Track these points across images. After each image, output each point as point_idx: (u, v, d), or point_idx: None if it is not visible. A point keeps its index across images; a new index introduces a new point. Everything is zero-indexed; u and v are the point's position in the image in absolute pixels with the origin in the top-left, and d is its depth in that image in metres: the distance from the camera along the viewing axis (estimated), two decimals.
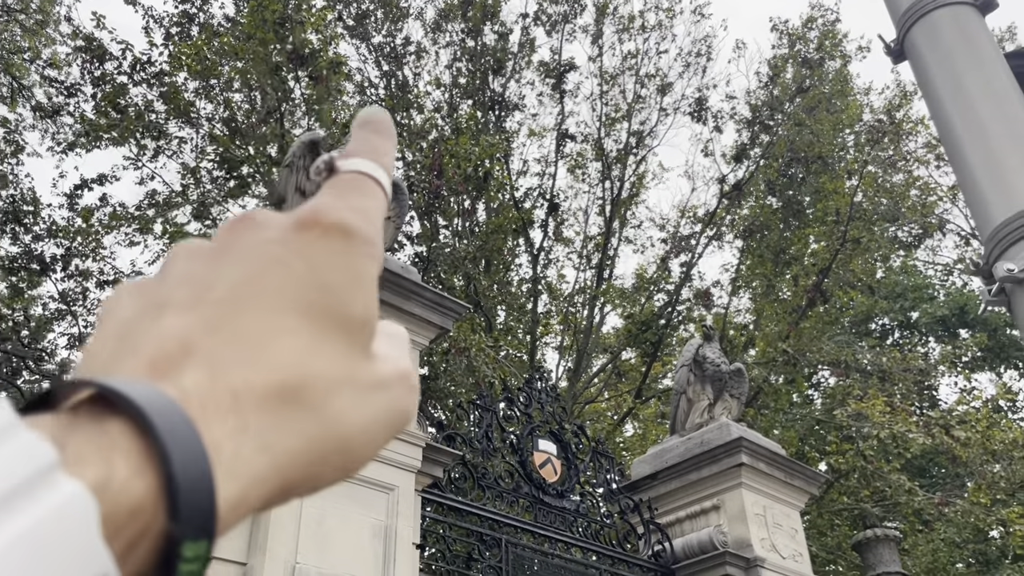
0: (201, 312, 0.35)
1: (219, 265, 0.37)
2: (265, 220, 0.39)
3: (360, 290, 0.38)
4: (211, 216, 14.93)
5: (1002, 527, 12.88)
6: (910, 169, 16.12)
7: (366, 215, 0.40)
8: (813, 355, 14.09)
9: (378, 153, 0.44)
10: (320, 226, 0.38)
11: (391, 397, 0.39)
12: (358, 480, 5.25)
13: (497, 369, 11.42)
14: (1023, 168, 2.94)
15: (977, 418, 13.10)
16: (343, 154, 0.44)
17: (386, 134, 0.46)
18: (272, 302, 0.36)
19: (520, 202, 16.37)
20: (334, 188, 0.41)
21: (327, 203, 0.39)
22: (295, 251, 0.37)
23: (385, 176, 0.43)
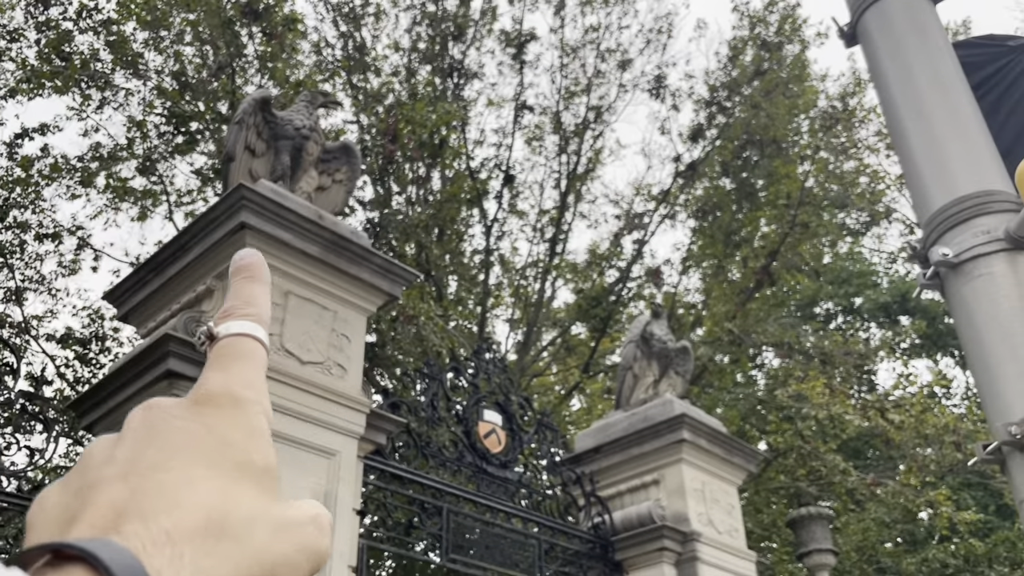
0: (127, 482, 0.41)
1: (135, 443, 0.43)
2: (165, 404, 0.46)
3: (257, 441, 0.44)
4: (157, 172, 14.56)
5: (930, 508, 13.34)
6: (860, 157, 16.40)
7: (249, 381, 0.47)
8: (758, 336, 14.35)
9: (254, 305, 0.50)
10: (212, 400, 0.45)
11: (304, 535, 0.43)
12: (299, 444, 5.21)
13: (446, 339, 11.40)
14: (964, 156, 2.99)
15: (912, 403, 13.51)
16: (220, 314, 0.49)
17: (260, 280, 0.52)
18: (184, 461, 0.42)
19: (476, 172, 16.26)
20: (218, 360, 0.47)
21: (214, 380, 0.46)
22: (196, 420, 0.44)
23: (262, 331, 0.49)
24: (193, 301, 5.64)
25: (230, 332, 0.48)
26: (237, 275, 0.52)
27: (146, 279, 6.04)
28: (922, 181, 3.02)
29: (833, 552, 10.86)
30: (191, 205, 15.02)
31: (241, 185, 5.39)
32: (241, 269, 0.52)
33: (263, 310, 0.50)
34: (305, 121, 6.47)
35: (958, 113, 3.06)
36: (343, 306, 5.91)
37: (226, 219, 5.49)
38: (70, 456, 12.82)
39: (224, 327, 0.48)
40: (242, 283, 0.51)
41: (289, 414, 5.21)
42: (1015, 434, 2.69)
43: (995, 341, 2.77)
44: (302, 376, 5.38)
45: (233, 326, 0.48)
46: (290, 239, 5.59)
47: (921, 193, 3.01)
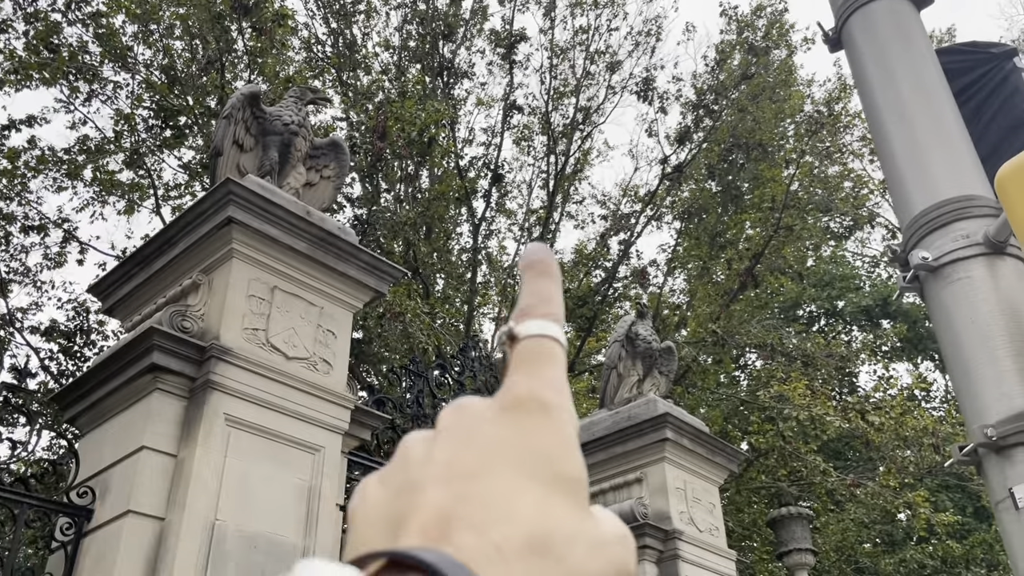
0: (451, 487, 0.41)
1: (452, 446, 0.43)
2: (477, 406, 0.46)
3: (570, 452, 0.43)
4: (145, 166, 14.48)
5: (908, 510, 13.48)
6: (845, 161, 16.54)
7: (555, 384, 0.45)
8: (742, 337, 14.44)
9: (550, 304, 0.48)
10: (523, 405, 0.44)
11: (616, 553, 0.43)
12: (283, 439, 5.22)
13: (432, 336, 11.41)
14: (945, 161, 3.04)
15: (892, 405, 13.64)
16: (518, 313, 0.48)
17: (552, 276, 0.50)
18: (503, 471, 0.41)
19: (464, 171, 16.27)
20: (522, 363, 0.46)
21: (521, 383, 0.45)
22: (510, 427, 0.43)
23: (561, 332, 0.48)
24: (179, 295, 5.64)
25: (531, 333, 0.47)
26: (530, 270, 0.50)
27: (132, 273, 6.02)
28: (904, 185, 3.07)
29: (812, 552, 10.96)
30: (179, 200, 14.96)
31: (228, 180, 5.39)
32: (533, 264, 0.50)
33: (559, 308, 0.49)
34: (294, 117, 6.46)
35: (940, 119, 3.11)
36: (329, 302, 5.91)
37: (213, 214, 5.48)
38: (53, 449, 12.74)
39: (524, 327, 0.47)
40: (536, 279, 0.49)
41: (274, 409, 5.22)
42: (991, 436, 2.74)
43: (973, 344, 2.82)
44: (287, 371, 5.38)
45: (533, 326, 0.47)
46: (277, 235, 5.59)
47: (902, 197, 3.06)
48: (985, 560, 15.38)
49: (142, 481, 4.70)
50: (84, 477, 5.05)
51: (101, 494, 4.88)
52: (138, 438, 4.85)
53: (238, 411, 5.04)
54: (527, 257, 0.51)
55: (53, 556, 4.95)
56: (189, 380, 5.06)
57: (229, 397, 5.03)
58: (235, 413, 5.02)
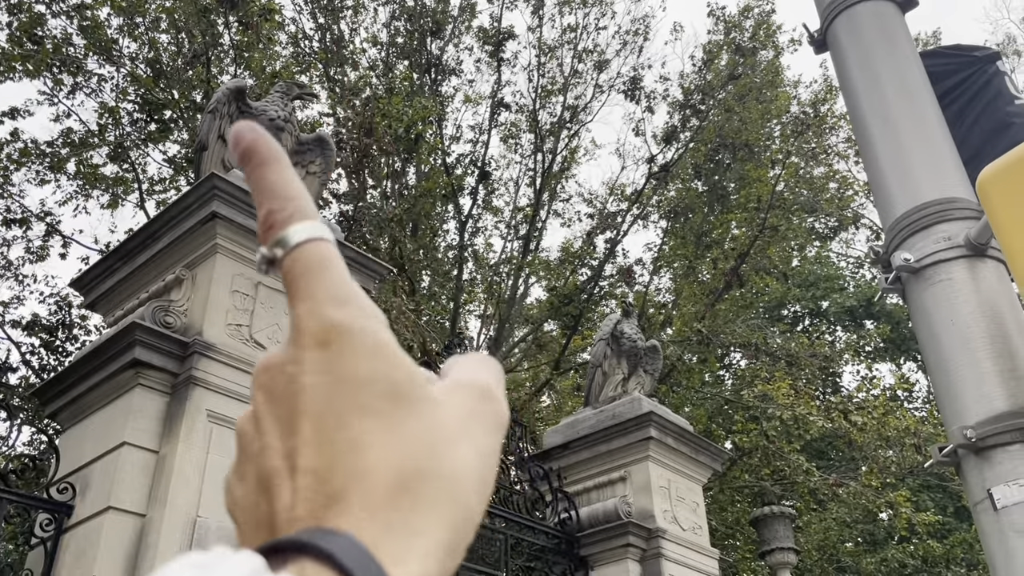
0: (299, 463, 0.38)
1: (277, 421, 0.40)
2: (277, 362, 0.42)
3: (386, 360, 0.40)
4: (129, 159, 14.37)
5: (890, 509, 13.58)
6: (830, 163, 16.63)
7: (335, 295, 0.41)
8: (726, 337, 14.50)
9: (290, 200, 0.42)
10: (318, 341, 0.40)
11: (478, 421, 0.42)
12: None
13: (417, 333, 11.39)
14: (928, 164, 3.06)
15: (874, 405, 13.74)
16: (262, 227, 0.42)
17: (274, 160, 0.43)
18: (337, 423, 0.38)
19: (451, 168, 16.25)
20: (294, 288, 0.41)
21: (308, 315, 0.41)
22: (319, 372, 0.40)
23: (316, 226, 0.42)
24: (162, 290, 5.60)
25: (288, 247, 0.41)
26: (248, 162, 0.43)
27: (114, 267, 5.98)
28: (887, 187, 3.08)
29: (795, 551, 11.02)
30: (163, 194, 14.86)
31: (213, 175, 5.36)
32: (249, 154, 0.43)
33: (301, 200, 0.42)
34: (280, 112, 6.43)
35: (923, 121, 3.14)
36: None
37: (197, 208, 5.45)
38: (33, 444, 12.63)
39: (275, 245, 0.41)
40: (260, 173, 0.43)
41: None
42: (970, 437, 2.76)
43: (953, 346, 2.84)
44: None
45: (289, 237, 0.41)
46: None
47: (885, 198, 3.08)
48: (965, 560, 15.52)
49: (123, 477, 4.67)
50: (64, 473, 5.01)
51: (82, 490, 4.85)
52: (119, 434, 4.82)
53: (221, 407, 5.01)
54: (235, 146, 0.43)
55: (33, 552, 4.91)
56: (171, 376, 5.02)
57: (212, 393, 5.00)
58: (218, 409, 4.99)
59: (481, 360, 0.48)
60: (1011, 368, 2.72)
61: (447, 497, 0.38)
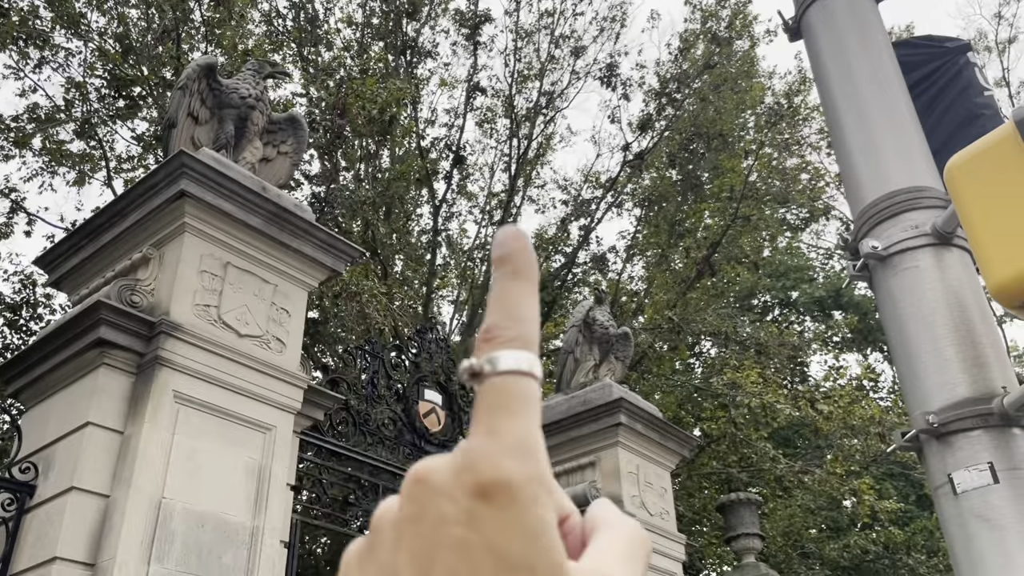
0: None
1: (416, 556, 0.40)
2: (434, 479, 0.40)
3: (536, 545, 0.39)
4: (96, 136, 14.12)
5: (854, 497, 13.81)
6: (803, 154, 16.77)
7: (523, 445, 0.40)
8: (697, 325, 14.61)
9: (521, 323, 0.42)
10: (485, 494, 0.39)
11: None
12: (233, 418, 5.15)
13: (389, 317, 11.34)
14: (898, 152, 3.09)
15: (841, 395, 13.93)
16: (483, 335, 0.42)
17: (525, 277, 0.43)
18: None
19: (426, 152, 16.16)
20: (485, 412, 0.40)
21: (481, 452, 0.40)
22: (468, 526, 0.39)
23: (533, 360, 0.41)
24: (128, 269, 5.51)
25: (496, 370, 0.41)
26: (501, 267, 0.42)
27: (80, 245, 5.88)
28: (856, 175, 3.11)
29: (760, 536, 11.16)
30: (131, 172, 14.62)
31: (182, 152, 5.28)
32: (504, 259, 0.43)
33: (532, 327, 0.42)
34: (251, 90, 6.34)
35: (894, 110, 3.16)
36: (284, 280, 5.83)
37: (165, 186, 5.37)
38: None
39: (488, 360, 0.41)
40: (506, 282, 0.42)
41: (224, 387, 5.14)
42: (933, 423, 2.81)
43: (918, 332, 2.87)
44: (239, 349, 5.31)
45: (499, 361, 0.41)
46: (231, 210, 5.49)
47: (855, 186, 3.10)
48: (926, 547, 15.83)
49: (87, 457, 4.61)
50: (27, 452, 4.94)
51: (44, 470, 4.78)
52: (83, 414, 4.75)
53: (187, 388, 4.96)
54: (497, 247, 0.43)
55: None
56: (137, 356, 4.96)
57: (178, 374, 4.95)
58: (184, 390, 4.94)
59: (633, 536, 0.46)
60: (974, 355, 2.76)
61: None
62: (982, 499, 2.63)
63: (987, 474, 2.63)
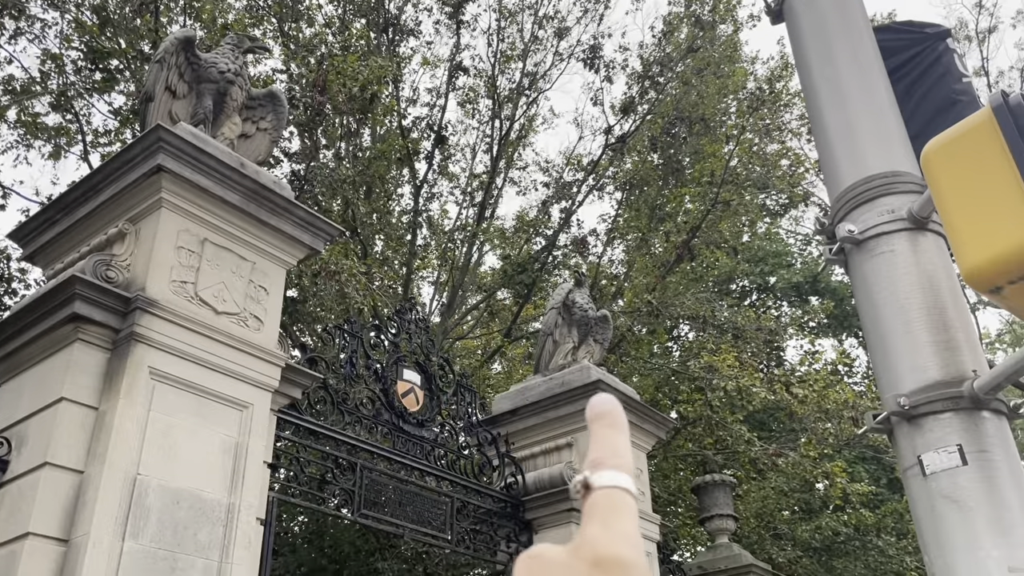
0: None
1: None
2: (551, 556, 0.47)
3: None
4: (73, 109, 13.89)
5: (826, 479, 14.00)
6: (784, 140, 16.83)
7: (630, 538, 0.48)
8: (676, 309, 14.68)
9: (621, 456, 0.52)
10: (601, 564, 0.45)
11: None
12: (210, 395, 5.12)
13: (368, 297, 11.30)
14: (876, 137, 3.11)
15: (816, 379, 14.08)
16: (590, 463, 0.51)
17: (621, 429, 0.53)
18: None
19: (407, 131, 16.05)
20: (596, 513, 0.49)
21: (600, 540, 0.47)
22: None
23: (632, 483, 0.51)
24: (103, 244, 5.45)
25: (604, 484, 0.50)
26: (598, 421, 0.53)
27: (55, 219, 5.80)
28: (834, 159, 3.13)
29: (734, 518, 11.31)
30: (108, 147, 14.41)
31: (159, 126, 5.21)
32: (602, 416, 0.53)
33: (629, 461, 0.52)
34: (231, 65, 6.26)
35: (873, 95, 3.18)
36: (262, 257, 5.80)
37: (142, 161, 5.30)
38: None
39: (598, 477, 0.50)
40: (605, 431, 0.52)
41: (201, 364, 5.11)
42: (904, 405, 2.85)
43: (891, 316, 2.91)
44: (216, 326, 5.27)
45: (606, 477, 0.50)
46: (209, 185, 5.44)
47: (833, 170, 3.13)
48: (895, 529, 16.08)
49: (61, 433, 4.57)
50: (0, 427, 4.90)
51: (17, 445, 4.74)
52: (57, 389, 4.71)
53: (163, 365, 4.93)
54: (596, 408, 0.54)
55: None
56: (112, 331, 4.92)
57: (154, 350, 4.91)
58: (160, 367, 4.90)
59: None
60: (946, 339, 2.80)
61: None
62: (951, 480, 2.67)
63: (956, 456, 2.68)
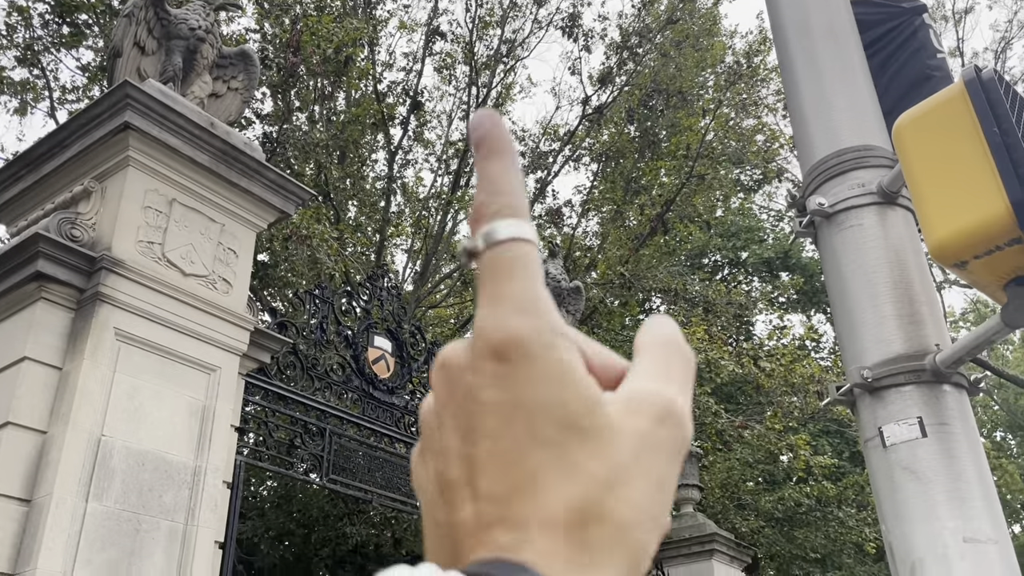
0: (472, 472, 0.40)
1: (456, 424, 0.41)
2: (457, 363, 0.42)
3: (562, 385, 0.40)
4: (40, 64, 13.55)
5: (790, 452, 14.24)
6: (759, 115, 16.86)
7: (522, 303, 0.41)
8: (648, 281, 14.76)
9: (504, 195, 0.43)
10: (497, 354, 0.40)
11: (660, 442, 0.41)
12: (177, 357, 5.07)
13: (340, 263, 11.22)
14: (849, 110, 3.12)
15: (783, 353, 14.26)
16: (472, 216, 0.43)
17: (502, 153, 0.44)
18: (513, 442, 0.39)
19: (383, 95, 15.85)
20: (487, 286, 0.42)
21: (491, 322, 0.41)
22: (499, 387, 0.40)
23: (521, 225, 0.42)
24: (69, 202, 5.35)
25: (492, 241, 0.42)
26: (478, 150, 0.44)
27: (19, 175, 5.67)
28: (808, 131, 3.13)
29: (699, 488, 11.48)
30: (76, 103, 14.09)
31: (126, 82, 5.10)
32: (480, 142, 0.44)
33: (515, 197, 0.43)
34: (201, 22, 6.13)
35: (848, 68, 3.18)
36: (232, 219, 5.72)
37: (109, 118, 5.19)
38: None
39: (479, 236, 0.42)
40: (484, 163, 0.44)
41: (168, 326, 5.06)
42: (867, 377, 2.89)
43: (858, 289, 2.94)
44: (184, 288, 5.21)
45: (488, 233, 0.42)
46: (178, 145, 5.34)
47: (807, 143, 3.13)
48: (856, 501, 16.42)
49: (23, 393, 4.51)
50: None
51: None
52: (20, 348, 4.63)
53: (129, 326, 4.86)
54: (472, 131, 0.45)
55: None
56: (77, 291, 4.84)
57: (120, 311, 4.85)
58: (126, 328, 4.84)
59: (671, 350, 0.46)
60: (910, 313, 2.83)
61: (622, 539, 0.39)
62: (910, 452, 2.72)
63: (916, 428, 2.72)
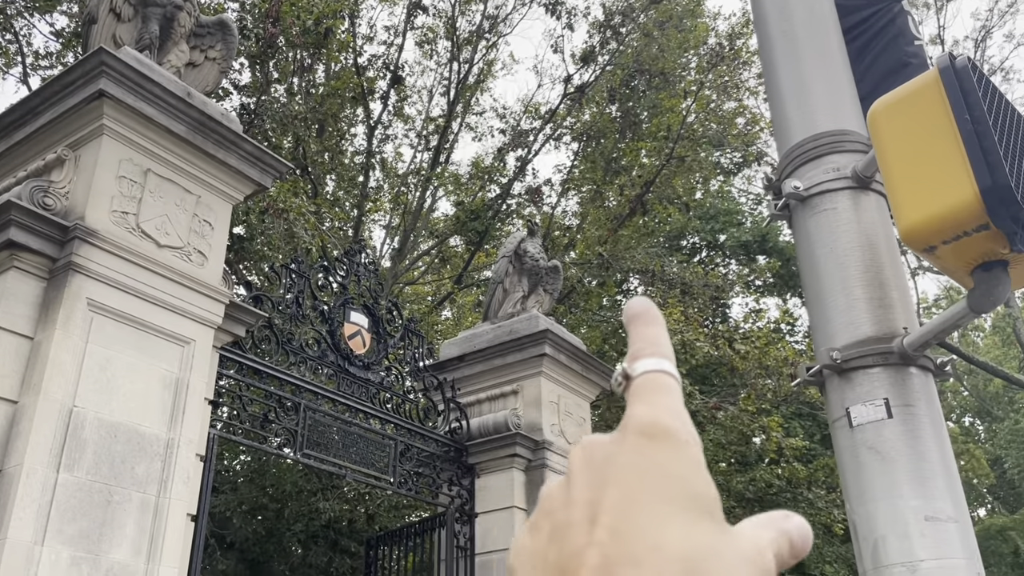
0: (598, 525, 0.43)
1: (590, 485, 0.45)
2: (600, 440, 0.48)
3: (699, 472, 0.45)
4: (12, 29, 13.27)
5: (763, 433, 14.41)
6: (740, 98, 16.89)
7: (673, 410, 0.48)
8: (626, 262, 14.81)
9: (658, 345, 0.52)
10: (646, 432, 0.46)
11: (757, 565, 0.44)
12: (151, 329, 5.04)
13: (317, 237, 11.15)
14: (826, 95, 3.14)
15: (758, 336, 14.40)
16: (629, 358, 0.52)
17: (657, 323, 0.54)
18: (645, 500, 0.43)
19: (363, 69, 15.70)
20: (639, 395, 0.49)
21: (642, 412, 0.47)
22: (639, 455, 0.45)
23: (672, 366, 0.51)
24: (42, 170, 5.27)
25: (644, 370, 0.50)
26: (635, 320, 0.54)
27: None
28: (785, 115, 3.15)
29: None
30: (50, 70, 13.83)
31: (101, 49, 5.01)
32: (638, 315, 0.54)
33: (667, 349, 0.53)
34: None
35: (827, 52, 3.20)
36: (208, 191, 5.66)
37: (83, 85, 5.11)
38: None
39: (637, 366, 0.51)
40: (641, 327, 0.53)
41: (141, 297, 5.02)
42: (836, 359, 2.93)
43: (830, 272, 2.97)
44: (158, 260, 5.17)
45: (645, 364, 0.51)
46: (154, 114, 5.27)
47: (784, 127, 3.15)
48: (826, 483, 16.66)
49: None
50: None
51: None
52: None
53: (102, 296, 4.82)
54: (631, 309, 0.55)
55: None
56: (50, 260, 4.78)
57: (93, 281, 4.80)
58: (99, 298, 4.80)
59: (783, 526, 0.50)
60: (880, 296, 2.87)
61: None
62: (875, 432, 2.77)
63: (882, 409, 2.77)
